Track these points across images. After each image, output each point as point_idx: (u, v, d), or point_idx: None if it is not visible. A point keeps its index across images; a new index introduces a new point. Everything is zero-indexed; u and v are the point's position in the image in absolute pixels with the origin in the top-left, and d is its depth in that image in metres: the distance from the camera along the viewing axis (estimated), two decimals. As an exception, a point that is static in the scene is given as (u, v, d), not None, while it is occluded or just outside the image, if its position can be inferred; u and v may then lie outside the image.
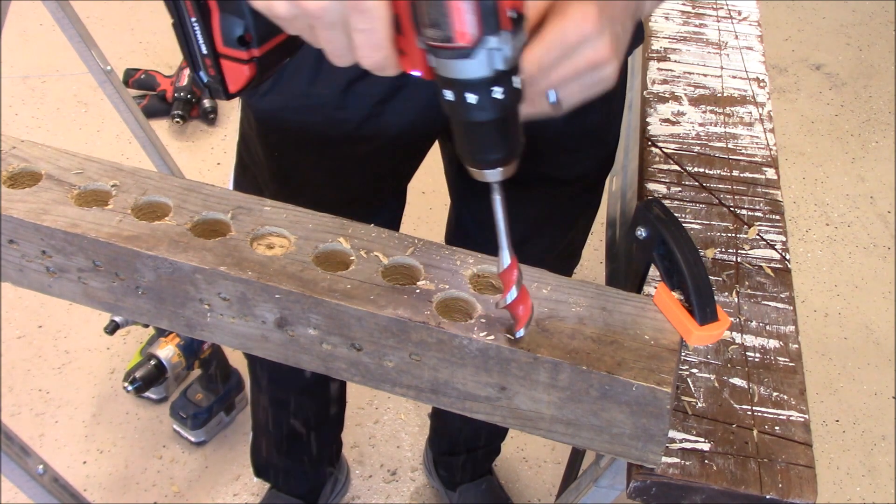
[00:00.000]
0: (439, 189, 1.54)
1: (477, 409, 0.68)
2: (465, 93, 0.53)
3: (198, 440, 1.80)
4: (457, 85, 0.53)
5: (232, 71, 0.62)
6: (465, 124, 0.55)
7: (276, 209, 0.73)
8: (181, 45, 0.62)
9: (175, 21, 0.61)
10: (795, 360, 0.79)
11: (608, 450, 0.67)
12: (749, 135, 1.02)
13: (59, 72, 2.64)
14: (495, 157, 0.57)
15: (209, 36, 0.60)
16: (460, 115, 0.55)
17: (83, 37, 1.52)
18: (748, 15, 1.22)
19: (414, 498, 1.78)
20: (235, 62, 0.61)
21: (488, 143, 0.56)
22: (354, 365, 0.69)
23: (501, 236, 0.61)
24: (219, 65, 0.61)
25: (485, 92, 0.53)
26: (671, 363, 0.63)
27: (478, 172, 0.58)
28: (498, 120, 0.55)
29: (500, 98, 0.54)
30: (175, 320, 0.73)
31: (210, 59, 0.61)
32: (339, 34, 0.55)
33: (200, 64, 0.62)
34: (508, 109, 0.55)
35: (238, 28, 0.59)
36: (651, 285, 0.80)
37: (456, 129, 0.57)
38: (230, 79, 0.62)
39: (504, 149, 0.57)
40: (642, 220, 0.67)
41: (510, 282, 0.61)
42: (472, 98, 0.53)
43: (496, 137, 0.56)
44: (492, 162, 0.57)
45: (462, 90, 0.53)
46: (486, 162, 0.57)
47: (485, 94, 0.53)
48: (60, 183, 0.73)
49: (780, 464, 0.70)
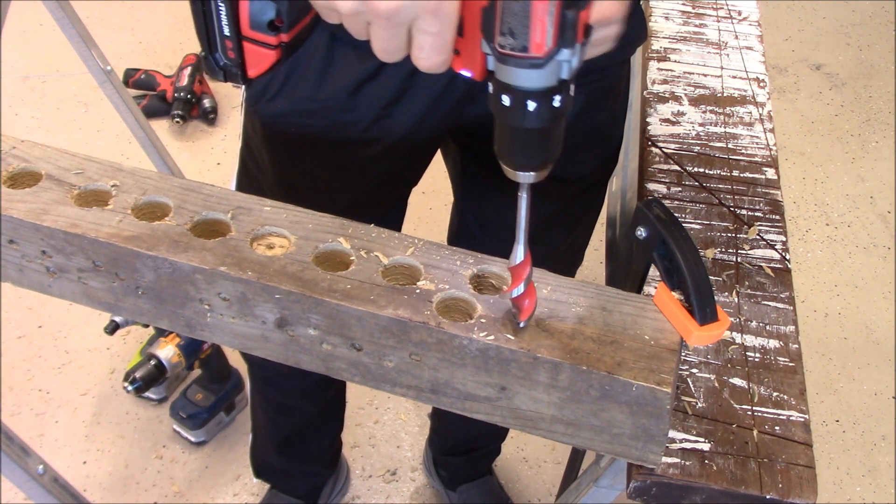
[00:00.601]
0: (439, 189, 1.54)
1: (477, 410, 0.68)
2: (527, 100, 0.53)
3: (198, 440, 1.80)
4: (518, 92, 0.53)
5: (255, 55, 0.59)
6: (516, 129, 0.55)
7: (276, 209, 0.73)
8: (198, 24, 0.59)
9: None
10: (795, 360, 0.79)
11: (608, 450, 0.67)
12: (749, 135, 1.02)
13: (59, 72, 2.64)
14: (535, 161, 0.57)
15: (235, 17, 0.57)
16: (515, 120, 0.54)
17: (83, 37, 1.52)
18: (748, 15, 1.22)
19: (414, 498, 1.78)
20: (260, 46, 0.58)
21: (532, 148, 0.56)
22: (354, 365, 0.69)
23: (520, 232, 0.61)
24: (241, 47, 0.59)
25: (545, 100, 0.53)
26: (671, 363, 0.63)
27: (511, 173, 0.58)
28: (549, 127, 0.55)
29: (558, 106, 0.54)
30: (175, 320, 0.73)
31: (231, 42, 0.59)
32: (401, 34, 0.54)
33: (219, 46, 0.59)
34: (561, 117, 0.55)
35: (270, 11, 0.57)
36: (651, 285, 0.80)
37: (502, 132, 0.56)
38: (251, 63, 0.60)
39: (545, 154, 0.57)
40: (642, 220, 0.67)
41: (520, 277, 0.62)
42: (531, 105, 0.53)
43: (541, 143, 0.56)
44: (530, 166, 0.57)
45: (523, 97, 0.53)
46: (526, 165, 0.57)
47: (545, 103, 0.53)
48: (60, 183, 0.73)
49: (780, 464, 0.70)
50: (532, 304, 0.63)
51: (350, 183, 1.04)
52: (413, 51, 0.54)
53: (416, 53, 0.54)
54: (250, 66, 0.60)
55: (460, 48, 0.54)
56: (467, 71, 0.55)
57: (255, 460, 1.68)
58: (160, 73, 2.55)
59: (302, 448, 1.61)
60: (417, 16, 0.52)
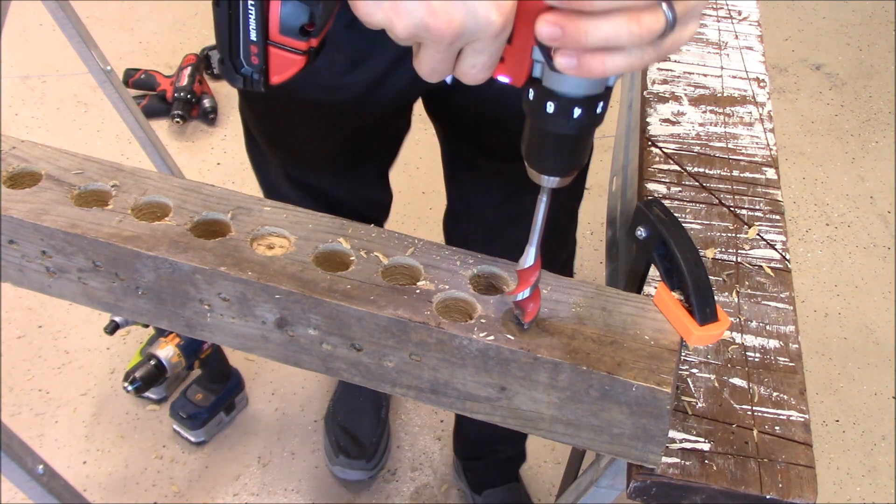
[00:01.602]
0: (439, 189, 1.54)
1: (477, 410, 0.68)
2: (573, 108, 0.53)
3: (198, 440, 1.80)
4: (564, 99, 0.53)
5: (280, 61, 0.57)
6: (554, 135, 0.55)
7: (276, 209, 0.73)
8: (220, 29, 0.57)
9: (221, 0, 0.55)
10: (795, 360, 0.79)
11: (608, 450, 0.67)
12: (749, 135, 1.02)
13: (59, 72, 2.64)
14: (564, 166, 0.57)
15: (264, 21, 0.55)
16: (556, 127, 0.54)
17: (83, 37, 1.52)
18: (748, 15, 1.22)
19: (414, 498, 1.78)
20: (288, 52, 0.56)
21: (565, 154, 0.56)
22: (354, 365, 0.69)
23: (535, 234, 0.61)
24: (266, 53, 0.56)
25: (590, 108, 0.53)
26: (671, 363, 0.63)
27: (536, 176, 0.58)
28: (586, 134, 0.55)
29: (599, 113, 0.54)
30: (175, 320, 0.73)
31: (257, 47, 0.56)
32: (454, 55, 0.53)
33: (242, 51, 0.57)
34: (599, 123, 0.55)
35: (303, 16, 0.55)
36: (651, 285, 0.80)
37: (535, 136, 0.56)
38: (275, 69, 0.58)
39: (574, 160, 0.57)
40: (642, 220, 0.67)
41: (528, 280, 0.62)
42: (577, 112, 0.53)
43: (574, 149, 0.56)
44: (559, 171, 0.57)
45: (569, 105, 0.53)
46: (554, 170, 0.57)
47: (590, 110, 0.53)
48: (60, 183, 0.73)
49: (780, 464, 0.70)
50: (536, 307, 0.63)
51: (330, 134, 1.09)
52: (462, 68, 0.53)
53: (466, 71, 0.53)
54: (274, 73, 0.58)
55: (506, 55, 0.53)
56: (506, 77, 0.55)
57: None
58: (160, 73, 2.54)
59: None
60: (477, 38, 0.50)
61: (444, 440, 1.86)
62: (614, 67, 0.50)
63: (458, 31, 0.49)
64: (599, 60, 0.49)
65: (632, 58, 0.50)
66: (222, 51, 0.57)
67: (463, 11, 0.48)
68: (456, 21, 0.49)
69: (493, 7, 0.48)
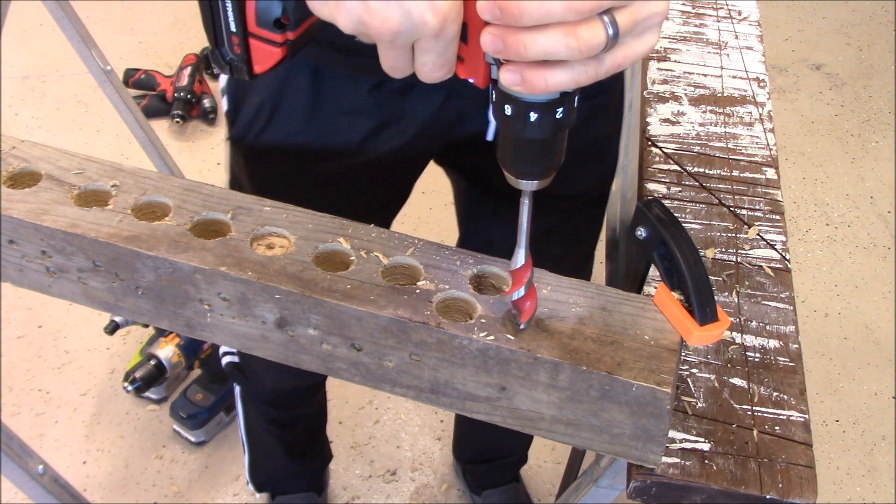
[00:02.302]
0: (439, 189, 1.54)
1: (477, 410, 0.68)
2: (529, 111, 0.53)
3: (198, 440, 1.80)
4: (521, 103, 0.53)
5: (260, 51, 0.59)
6: (517, 139, 0.55)
7: (276, 209, 0.73)
8: (205, 19, 0.59)
9: None
10: (795, 360, 0.79)
11: (608, 450, 0.67)
12: (749, 135, 1.02)
13: (59, 72, 2.64)
14: (537, 170, 0.57)
15: (241, 14, 0.57)
16: (516, 130, 0.54)
17: (83, 37, 1.52)
18: (748, 15, 1.22)
19: (414, 498, 1.78)
20: (266, 43, 0.58)
21: (533, 157, 0.56)
22: (354, 365, 0.69)
23: (521, 236, 0.61)
24: (247, 44, 0.59)
25: (548, 112, 0.53)
26: (671, 363, 0.63)
27: (514, 180, 0.58)
28: (550, 138, 0.55)
29: (560, 118, 0.53)
30: (175, 320, 0.73)
31: (238, 38, 0.58)
32: (405, 53, 0.53)
33: (225, 41, 0.59)
34: (564, 128, 0.55)
35: (276, 10, 0.57)
36: (651, 285, 0.80)
37: (504, 140, 0.56)
38: (257, 59, 0.60)
39: (547, 164, 0.57)
40: (642, 220, 0.67)
41: (521, 280, 0.62)
42: (533, 116, 0.53)
43: (543, 153, 0.56)
44: (532, 174, 0.57)
45: (526, 109, 0.53)
46: (528, 174, 0.57)
47: (547, 115, 0.53)
48: (60, 183, 0.73)
49: (780, 464, 0.70)
50: (532, 307, 0.63)
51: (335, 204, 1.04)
52: (416, 66, 0.54)
53: (419, 69, 0.54)
54: (256, 63, 0.60)
55: (464, 55, 0.54)
56: (471, 78, 0.55)
57: (257, 477, 1.67)
58: (160, 73, 2.55)
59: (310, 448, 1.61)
60: (418, 37, 0.51)
61: (444, 440, 1.87)
62: (556, 83, 0.50)
63: (395, 29, 0.50)
64: (541, 75, 0.49)
65: (575, 73, 0.50)
66: (209, 39, 0.59)
67: (399, 12, 0.49)
68: (392, 21, 0.50)
69: (427, 8, 0.49)
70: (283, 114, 0.93)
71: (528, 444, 1.71)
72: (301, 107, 0.91)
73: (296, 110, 0.92)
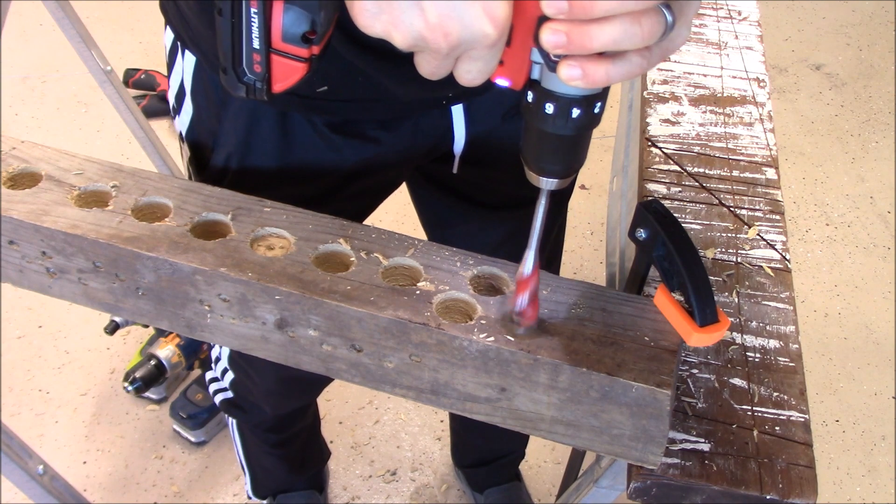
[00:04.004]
0: (439, 189, 1.51)
1: (477, 411, 0.68)
2: (572, 108, 0.53)
3: (198, 440, 1.80)
4: (563, 99, 0.53)
5: (283, 68, 0.57)
6: (553, 136, 0.56)
7: (276, 210, 0.73)
8: (223, 38, 0.57)
9: (223, 9, 0.55)
10: (795, 360, 0.79)
11: (608, 451, 0.67)
12: (749, 135, 1.02)
13: (59, 72, 2.64)
14: (563, 168, 0.58)
15: (267, 29, 0.55)
16: (557, 127, 0.55)
17: (83, 37, 1.52)
18: (748, 15, 1.22)
19: (414, 498, 1.79)
20: (290, 59, 0.57)
21: (564, 155, 0.57)
22: (354, 366, 0.69)
23: (534, 239, 0.62)
24: (268, 61, 0.57)
25: (589, 107, 0.54)
26: (671, 364, 0.63)
27: (535, 178, 0.59)
28: (584, 134, 0.56)
29: (597, 112, 0.55)
30: (175, 321, 0.73)
31: (260, 55, 0.56)
32: (453, 61, 0.53)
33: (245, 59, 0.57)
34: (597, 123, 0.56)
35: (304, 23, 0.55)
36: (651, 286, 0.80)
37: (533, 137, 0.57)
38: (278, 77, 0.58)
39: (573, 161, 0.58)
40: (642, 220, 0.67)
41: (525, 287, 0.62)
42: (575, 112, 0.54)
43: (573, 150, 0.57)
44: (556, 172, 0.58)
45: (569, 105, 0.53)
46: (553, 172, 0.58)
47: (588, 110, 0.54)
48: (60, 184, 0.73)
49: (780, 464, 0.70)
50: (534, 314, 0.63)
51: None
52: (460, 73, 0.54)
53: (462, 76, 0.54)
54: (277, 81, 0.58)
55: (504, 58, 0.54)
56: (505, 80, 0.55)
57: (259, 492, 1.67)
58: (160, 73, 2.54)
59: (310, 455, 1.62)
60: (475, 47, 0.51)
61: (444, 440, 1.87)
62: (617, 74, 0.50)
63: (455, 43, 0.50)
64: (602, 68, 0.50)
65: (631, 64, 0.51)
66: (225, 60, 0.57)
67: (459, 26, 0.49)
68: (453, 35, 0.50)
69: (488, 20, 0.49)
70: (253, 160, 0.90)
71: (525, 441, 1.71)
72: (270, 156, 0.89)
73: (265, 159, 0.89)
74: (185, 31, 0.84)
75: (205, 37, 0.81)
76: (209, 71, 0.85)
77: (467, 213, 1.08)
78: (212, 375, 1.29)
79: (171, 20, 0.86)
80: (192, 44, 0.84)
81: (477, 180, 1.01)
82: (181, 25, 0.84)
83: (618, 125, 1.26)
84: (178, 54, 0.88)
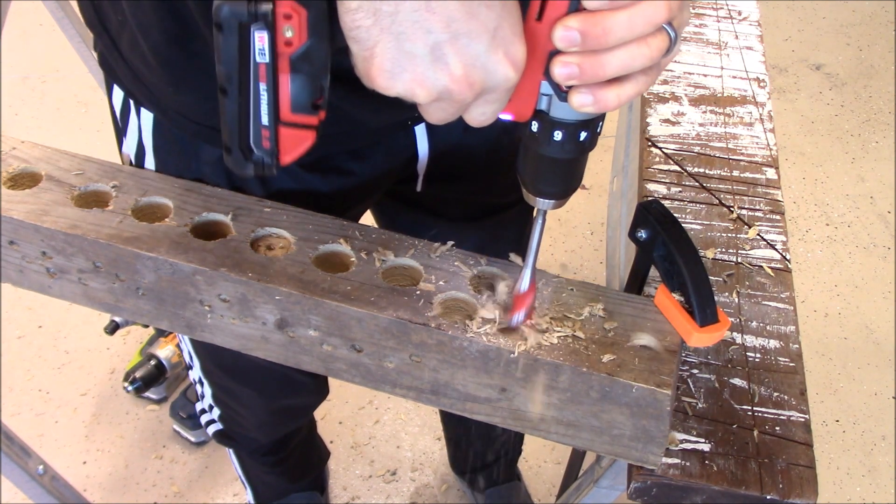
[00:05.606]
0: (439, 189, 1.51)
1: (477, 411, 0.68)
2: (580, 131, 0.55)
3: (198, 440, 1.80)
4: (572, 126, 0.54)
5: (292, 139, 0.55)
6: (556, 161, 0.57)
7: (276, 210, 0.73)
8: (230, 119, 0.54)
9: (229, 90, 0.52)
10: (796, 360, 0.79)
11: (608, 451, 0.67)
12: (749, 135, 1.02)
13: (59, 72, 2.64)
14: (561, 189, 0.59)
15: (275, 103, 0.53)
16: (564, 152, 0.56)
17: (83, 37, 1.52)
18: (748, 15, 1.22)
19: (414, 498, 1.78)
20: (299, 129, 0.54)
21: (562, 177, 0.58)
22: (355, 366, 0.69)
23: (530, 256, 0.62)
24: (277, 135, 0.54)
25: (594, 128, 0.55)
26: (671, 365, 0.63)
27: (532, 199, 0.60)
28: (579, 158, 0.57)
29: (599, 131, 0.56)
30: (175, 321, 0.73)
31: (269, 130, 0.54)
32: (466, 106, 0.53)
33: (253, 136, 0.54)
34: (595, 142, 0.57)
35: (313, 90, 0.53)
36: (651, 286, 0.80)
37: (534, 163, 0.58)
38: (287, 149, 0.55)
39: (573, 181, 0.59)
40: (642, 221, 0.67)
41: (522, 304, 0.63)
42: (584, 135, 0.55)
43: (572, 172, 0.58)
44: (553, 194, 0.59)
45: (577, 130, 0.55)
46: (549, 194, 0.59)
47: (593, 130, 0.55)
48: (60, 184, 0.73)
49: (780, 464, 0.70)
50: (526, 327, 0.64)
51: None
52: (473, 116, 0.54)
53: (476, 119, 0.54)
54: (286, 153, 0.55)
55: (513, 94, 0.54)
56: (509, 115, 0.55)
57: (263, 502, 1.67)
58: (160, 73, 2.54)
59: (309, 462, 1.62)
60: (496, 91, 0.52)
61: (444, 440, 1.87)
62: (626, 96, 0.51)
63: (479, 91, 0.51)
64: (613, 92, 0.51)
65: (638, 83, 0.52)
66: (231, 140, 0.55)
67: (483, 75, 0.50)
68: (478, 84, 0.50)
69: (509, 65, 0.50)
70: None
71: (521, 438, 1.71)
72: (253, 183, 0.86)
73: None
74: (137, 89, 0.80)
75: (165, 93, 0.78)
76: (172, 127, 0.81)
77: (434, 227, 1.07)
78: (200, 407, 1.29)
79: (120, 79, 0.82)
80: (149, 102, 0.80)
81: (442, 194, 1.01)
82: (133, 84, 0.80)
83: (618, 125, 1.26)
84: (132, 113, 0.84)
